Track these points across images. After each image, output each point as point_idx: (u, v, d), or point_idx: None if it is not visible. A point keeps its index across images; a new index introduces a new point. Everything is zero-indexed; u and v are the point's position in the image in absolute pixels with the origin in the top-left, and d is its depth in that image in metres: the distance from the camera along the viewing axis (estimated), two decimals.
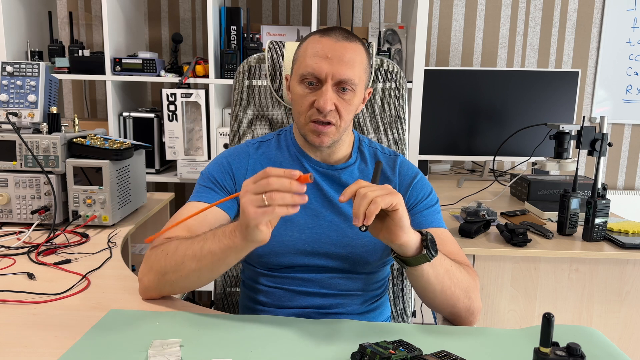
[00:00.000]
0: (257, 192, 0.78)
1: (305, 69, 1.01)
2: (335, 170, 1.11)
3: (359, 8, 2.64)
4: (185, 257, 0.90)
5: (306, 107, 1.02)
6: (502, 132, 2.37)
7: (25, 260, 1.19)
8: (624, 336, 1.57)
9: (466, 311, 0.99)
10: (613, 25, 2.60)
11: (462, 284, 0.97)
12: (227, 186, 1.08)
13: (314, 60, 1.00)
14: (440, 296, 0.96)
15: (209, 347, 0.80)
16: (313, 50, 1.01)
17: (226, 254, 0.87)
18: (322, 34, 1.03)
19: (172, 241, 0.94)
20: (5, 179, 1.42)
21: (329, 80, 1.00)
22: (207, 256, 0.88)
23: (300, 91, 1.03)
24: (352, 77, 1.01)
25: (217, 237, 0.87)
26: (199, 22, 2.68)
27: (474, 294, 0.99)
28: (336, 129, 1.03)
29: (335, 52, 1.00)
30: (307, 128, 1.04)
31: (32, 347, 0.81)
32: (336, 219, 1.07)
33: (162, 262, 0.93)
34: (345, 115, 1.03)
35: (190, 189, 2.72)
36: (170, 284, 0.94)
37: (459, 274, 0.97)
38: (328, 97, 0.99)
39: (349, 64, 1.00)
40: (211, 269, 0.90)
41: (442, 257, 0.94)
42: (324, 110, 1.00)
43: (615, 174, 2.75)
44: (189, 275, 0.91)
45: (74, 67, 2.20)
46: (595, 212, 1.53)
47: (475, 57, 2.66)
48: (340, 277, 1.08)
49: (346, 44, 1.01)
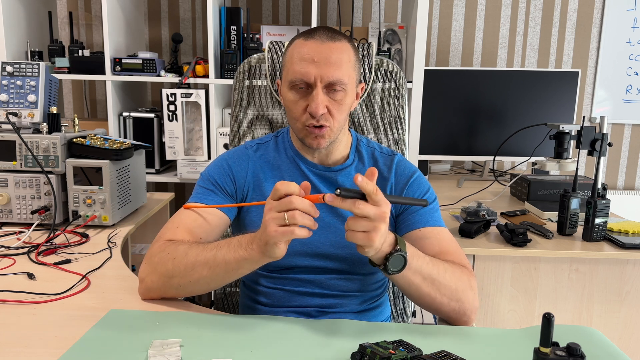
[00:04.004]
0: (280, 209, 0.80)
1: (293, 75, 1.01)
2: (332, 172, 1.11)
3: (359, 8, 2.64)
4: (196, 263, 0.90)
5: (300, 112, 1.02)
6: (502, 132, 2.37)
7: (25, 260, 1.19)
8: (624, 336, 1.57)
9: (455, 313, 0.97)
10: (613, 25, 2.60)
11: (448, 289, 0.94)
12: (228, 188, 1.08)
13: (301, 66, 1.00)
14: (419, 301, 0.96)
15: (209, 347, 0.80)
16: (299, 55, 1.01)
17: (240, 264, 0.88)
18: (306, 37, 1.02)
19: (179, 245, 0.94)
20: (5, 179, 1.42)
21: (319, 84, 0.99)
22: (220, 264, 0.88)
23: (292, 97, 1.03)
24: (340, 77, 1.00)
25: (232, 247, 0.88)
26: (199, 22, 2.68)
27: (466, 295, 0.96)
28: (331, 129, 1.03)
29: (322, 54, 0.99)
30: (303, 133, 1.04)
31: (32, 347, 0.81)
32: (334, 220, 1.07)
33: (168, 265, 0.92)
34: (338, 116, 1.03)
35: (190, 189, 2.72)
36: (177, 287, 0.94)
37: (444, 280, 0.94)
38: (319, 101, 0.99)
39: (337, 65, 0.99)
40: (223, 277, 0.90)
41: (421, 266, 0.92)
42: (317, 114, 0.99)
43: (615, 174, 2.75)
44: (199, 281, 0.91)
45: (74, 67, 2.20)
46: (595, 212, 1.53)
47: (475, 57, 2.66)
48: (339, 277, 1.08)
49: (331, 44, 1.00)
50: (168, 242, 0.96)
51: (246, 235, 0.88)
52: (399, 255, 0.87)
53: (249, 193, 1.09)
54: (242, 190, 1.09)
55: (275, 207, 0.80)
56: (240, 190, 1.09)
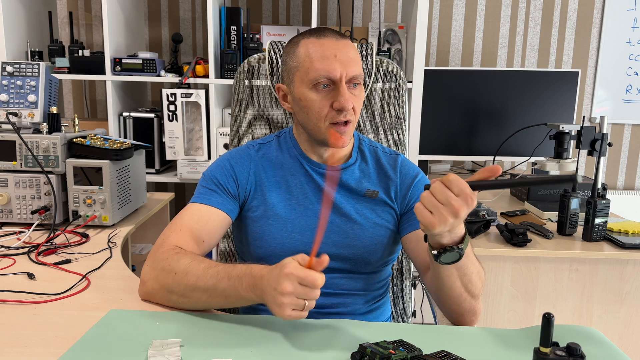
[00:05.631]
0: (301, 297, 0.77)
1: (317, 73, 1.00)
2: (336, 170, 1.11)
3: (359, 8, 2.64)
4: (195, 287, 0.89)
5: (325, 111, 1.02)
6: (502, 132, 2.37)
7: (25, 260, 1.19)
8: (624, 336, 1.57)
9: (469, 311, 0.98)
10: (613, 25, 2.60)
11: (475, 287, 0.96)
12: (230, 189, 1.08)
13: (324, 63, 1.00)
14: (450, 292, 0.95)
15: (209, 347, 0.80)
16: (319, 53, 1.01)
17: (239, 301, 0.87)
18: (317, 36, 1.03)
19: (181, 258, 0.92)
20: (5, 179, 1.42)
21: (344, 79, 1.01)
22: (220, 295, 0.88)
23: (315, 96, 1.02)
24: (360, 72, 1.04)
25: (232, 283, 0.86)
26: (199, 22, 2.68)
27: (480, 293, 0.98)
28: (353, 124, 1.05)
29: (341, 51, 1.01)
30: (327, 132, 1.03)
31: (32, 347, 0.81)
32: (337, 219, 1.07)
33: (169, 279, 0.91)
34: (358, 110, 1.05)
35: (190, 189, 2.72)
36: (175, 302, 0.93)
37: (473, 278, 0.95)
38: (348, 95, 1.00)
39: (355, 60, 1.03)
40: (222, 305, 0.90)
41: (467, 264, 0.92)
42: (347, 108, 1.00)
43: (615, 174, 2.75)
44: (197, 303, 0.91)
45: (74, 67, 2.20)
46: (595, 212, 1.53)
47: (475, 57, 2.66)
48: (342, 277, 1.08)
49: (344, 41, 1.04)
50: (172, 251, 0.95)
51: (247, 274, 0.85)
52: (456, 253, 0.86)
53: (251, 193, 1.09)
54: (245, 190, 1.09)
55: (300, 293, 0.77)
56: (242, 190, 1.09)
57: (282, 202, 1.08)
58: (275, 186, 1.09)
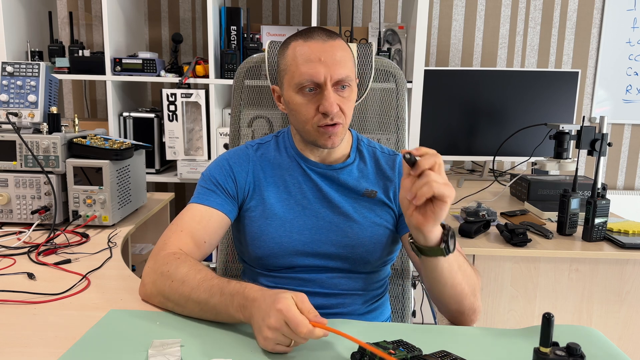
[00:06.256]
0: (287, 335, 0.76)
1: (301, 77, 1.00)
2: (334, 170, 1.11)
3: (359, 8, 2.64)
4: (189, 299, 0.88)
5: (312, 114, 1.02)
6: (502, 132, 2.37)
7: (25, 260, 1.19)
8: (624, 336, 1.57)
9: (470, 309, 0.98)
10: (613, 25, 2.60)
11: (471, 281, 0.97)
12: (229, 189, 1.08)
13: (308, 67, 0.99)
14: (450, 290, 0.95)
15: (209, 347, 0.80)
16: (304, 56, 1.00)
17: (228, 318, 0.86)
18: (305, 38, 1.02)
19: (180, 266, 0.92)
20: (5, 179, 1.42)
21: (328, 83, 0.99)
22: (211, 311, 0.87)
23: (300, 100, 1.02)
24: (348, 74, 1.01)
25: (224, 300, 0.85)
26: (199, 22, 2.68)
27: (479, 293, 0.99)
28: (343, 126, 1.04)
29: (327, 53, 1.00)
30: (316, 134, 1.03)
31: (32, 347, 0.81)
32: (336, 219, 1.07)
33: (166, 286, 0.91)
34: (348, 112, 1.04)
35: (190, 189, 2.72)
36: (171, 308, 0.93)
37: (469, 271, 0.97)
38: (332, 99, 0.99)
39: (342, 62, 1.01)
40: (214, 319, 0.89)
41: (457, 253, 0.94)
42: (331, 113, 0.99)
43: (615, 174, 2.75)
44: (191, 313, 0.90)
45: (74, 67, 2.20)
46: (595, 212, 1.53)
47: (475, 57, 2.66)
48: (341, 276, 1.08)
49: (332, 42, 1.02)
50: (173, 255, 0.95)
51: (239, 293, 0.83)
52: (453, 233, 0.88)
53: (249, 193, 1.09)
54: (243, 190, 1.09)
55: (286, 333, 0.75)
56: (241, 190, 1.09)
57: (280, 201, 1.08)
58: (273, 186, 1.09)
